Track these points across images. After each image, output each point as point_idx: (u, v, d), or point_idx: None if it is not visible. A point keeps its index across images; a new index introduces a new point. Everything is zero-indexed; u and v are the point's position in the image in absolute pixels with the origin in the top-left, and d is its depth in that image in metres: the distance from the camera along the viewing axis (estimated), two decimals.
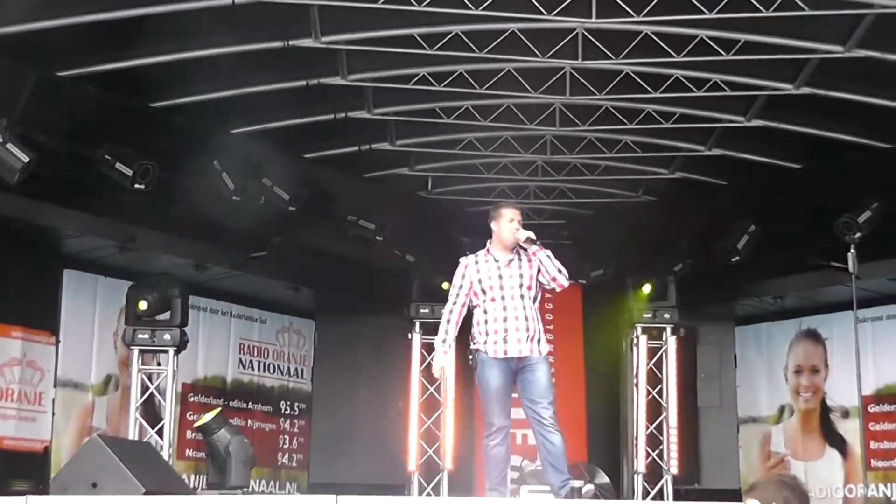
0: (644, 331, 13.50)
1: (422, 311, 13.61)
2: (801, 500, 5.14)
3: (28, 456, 12.41)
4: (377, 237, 14.06)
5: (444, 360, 8.53)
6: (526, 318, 8.22)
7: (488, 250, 8.43)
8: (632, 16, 10.73)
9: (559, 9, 10.80)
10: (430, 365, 13.58)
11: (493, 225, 8.43)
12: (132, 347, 11.95)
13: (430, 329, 13.70)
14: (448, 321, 8.41)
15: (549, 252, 8.40)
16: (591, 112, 13.07)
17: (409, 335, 13.66)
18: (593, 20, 10.87)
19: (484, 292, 8.30)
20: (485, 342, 8.24)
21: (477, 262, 8.41)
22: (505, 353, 8.19)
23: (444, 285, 13.47)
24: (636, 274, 13.80)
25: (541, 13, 10.80)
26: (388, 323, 14.76)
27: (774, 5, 10.38)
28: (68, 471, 8.66)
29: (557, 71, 12.08)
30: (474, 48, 11.43)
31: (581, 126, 13.25)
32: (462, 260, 8.50)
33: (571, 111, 13.03)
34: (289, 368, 15.94)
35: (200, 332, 14.35)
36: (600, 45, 11.43)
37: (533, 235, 8.31)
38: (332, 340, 15.95)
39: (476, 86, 12.28)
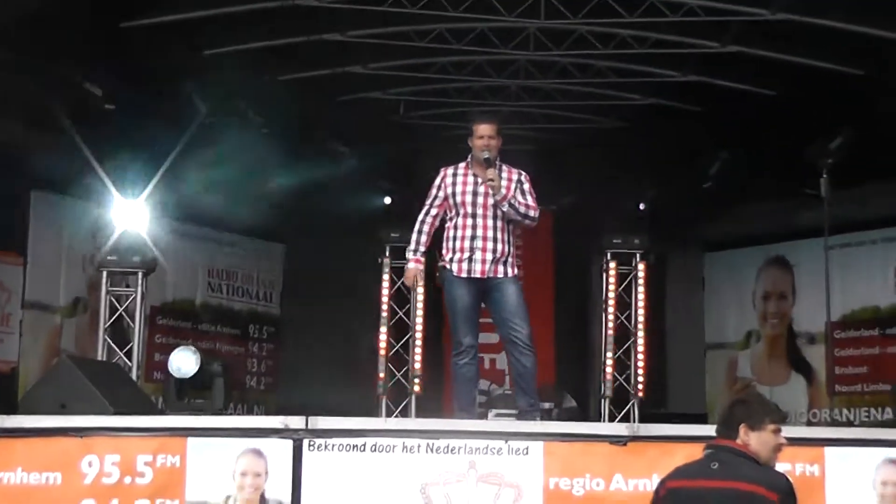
0: (613, 256, 13.50)
1: (392, 235, 13.59)
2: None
3: None
4: (349, 161, 14.00)
5: (416, 267, 8.33)
6: (494, 240, 8.11)
7: (468, 164, 8.29)
8: None
9: None
10: (399, 289, 13.64)
11: (468, 140, 8.30)
12: (101, 269, 11.89)
13: (400, 253, 13.68)
14: (419, 231, 8.30)
15: (526, 186, 8.23)
16: (565, 37, 12.99)
17: (379, 259, 13.64)
18: None
19: (457, 207, 8.19)
20: (450, 259, 8.17)
21: (455, 175, 8.28)
22: (470, 272, 8.12)
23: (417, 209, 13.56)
24: (607, 200, 13.78)
25: None
26: (358, 247, 14.72)
27: None
28: (36, 391, 8.66)
29: None
30: None
31: (555, 51, 13.17)
32: (441, 170, 8.37)
33: (545, 35, 12.94)
34: (258, 292, 15.92)
35: (169, 254, 14.27)
36: None
37: (489, 156, 8.12)
38: (302, 265, 15.90)
39: (450, 8, 12.16)
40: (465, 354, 8.17)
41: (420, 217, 8.34)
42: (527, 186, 8.24)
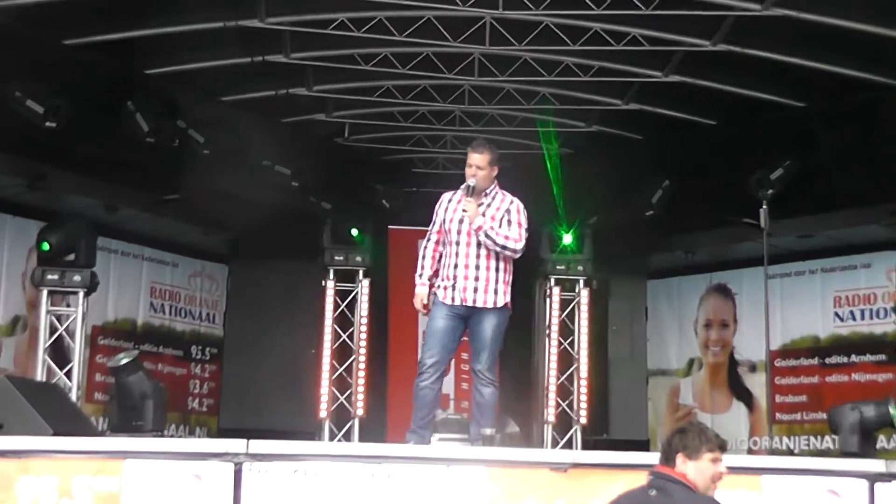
0: (557, 282, 13.55)
1: (336, 258, 13.59)
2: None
3: None
4: (293, 182, 13.98)
5: (422, 290, 8.28)
6: (477, 268, 8.13)
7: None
8: None
9: None
10: (343, 312, 13.62)
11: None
12: (41, 288, 11.73)
13: (344, 276, 13.70)
14: (422, 256, 8.33)
15: (515, 217, 8.16)
16: (509, 63, 13.07)
17: (323, 282, 13.62)
18: None
19: (448, 233, 8.20)
20: (438, 285, 8.21)
21: (450, 201, 8.28)
22: (452, 300, 8.13)
23: (354, 232, 13.55)
24: (551, 226, 13.82)
25: None
26: (301, 269, 14.67)
27: None
28: None
29: (477, 20, 12.05)
30: None
31: (499, 76, 13.24)
32: (442, 195, 8.38)
33: (490, 61, 13.01)
34: (200, 313, 15.81)
35: (111, 274, 14.15)
36: None
37: (472, 184, 8.05)
38: (245, 286, 15.82)
39: (395, 33, 12.20)
40: (426, 376, 8.15)
41: (423, 244, 8.39)
42: (515, 217, 8.21)
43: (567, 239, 13.61)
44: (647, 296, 16.04)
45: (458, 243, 8.16)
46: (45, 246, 11.58)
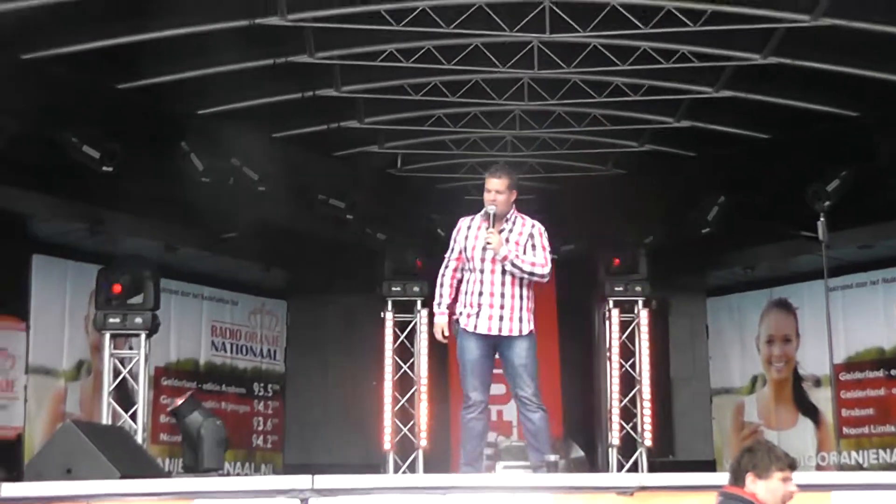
0: (616, 304, 13.47)
1: (394, 289, 13.54)
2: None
3: (1, 443, 12.31)
4: (347, 216, 14.02)
5: (442, 320, 8.14)
6: (502, 295, 8.01)
7: (483, 216, 8.12)
8: None
9: None
10: (402, 343, 13.61)
11: (484, 193, 8.15)
12: (103, 332, 11.79)
13: (402, 307, 13.69)
14: (441, 284, 8.21)
15: (538, 241, 8.05)
16: (559, 86, 13.06)
17: (382, 314, 13.59)
18: None
19: (469, 260, 8.10)
20: (461, 313, 8.09)
21: (469, 228, 8.17)
22: (475, 328, 8.04)
23: (417, 262, 13.55)
24: (607, 247, 13.77)
25: None
26: (359, 302, 14.72)
27: None
28: (42, 457, 8.62)
29: (525, 45, 12.05)
30: (441, 23, 11.38)
31: (549, 100, 13.24)
32: (459, 221, 8.27)
33: (539, 85, 13.01)
34: (261, 350, 15.88)
35: (172, 314, 14.27)
36: (567, 18, 11.41)
37: (492, 211, 7.98)
38: (305, 321, 15.90)
39: (444, 61, 12.24)
40: (473, 409, 8.09)
41: (441, 271, 8.26)
42: (539, 241, 8.08)
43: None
44: (707, 313, 15.94)
45: (482, 271, 8.03)
46: (116, 288, 11.59)
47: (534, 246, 8.07)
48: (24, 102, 10.97)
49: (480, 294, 8.03)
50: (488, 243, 7.98)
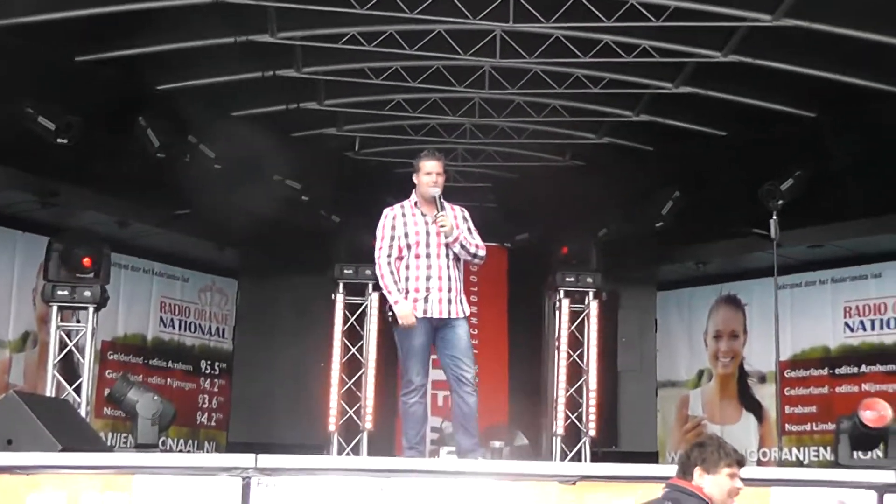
0: (566, 294, 13.51)
1: (346, 271, 13.56)
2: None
3: None
4: (303, 197, 13.99)
5: (408, 306, 8.11)
6: (450, 278, 8.13)
7: (415, 203, 8.27)
8: None
9: None
10: (352, 325, 13.61)
11: (414, 177, 8.30)
12: (51, 304, 11.72)
13: (354, 289, 13.69)
14: (391, 273, 8.19)
15: (470, 224, 8.25)
16: (520, 75, 13.06)
17: (333, 295, 13.60)
18: None
19: (409, 248, 8.16)
20: (405, 299, 8.14)
21: (404, 215, 8.25)
22: (425, 312, 8.10)
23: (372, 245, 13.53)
24: (560, 238, 13.81)
25: None
26: (311, 283, 14.67)
27: None
28: None
29: (488, 33, 12.05)
30: (405, 8, 11.35)
31: (510, 89, 13.24)
32: (386, 211, 8.32)
33: (500, 74, 13.01)
34: (210, 328, 15.84)
35: (121, 289, 14.20)
36: (531, 9, 11.41)
37: (439, 194, 8.12)
38: (255, 300, 15.84)
39: (406, 47, 12.21)
40: (415, 393, 8.17)
41: (381, 263, 8.25)
42: (470, 224, 8.28)
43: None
44: (657, 307, 16.03)
45: (428, 255, 8.13)
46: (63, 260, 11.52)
47: (469, 229, 8.26)
48: None
49: (428, 278, 8.11)
50: (442, 226, 8.04)
